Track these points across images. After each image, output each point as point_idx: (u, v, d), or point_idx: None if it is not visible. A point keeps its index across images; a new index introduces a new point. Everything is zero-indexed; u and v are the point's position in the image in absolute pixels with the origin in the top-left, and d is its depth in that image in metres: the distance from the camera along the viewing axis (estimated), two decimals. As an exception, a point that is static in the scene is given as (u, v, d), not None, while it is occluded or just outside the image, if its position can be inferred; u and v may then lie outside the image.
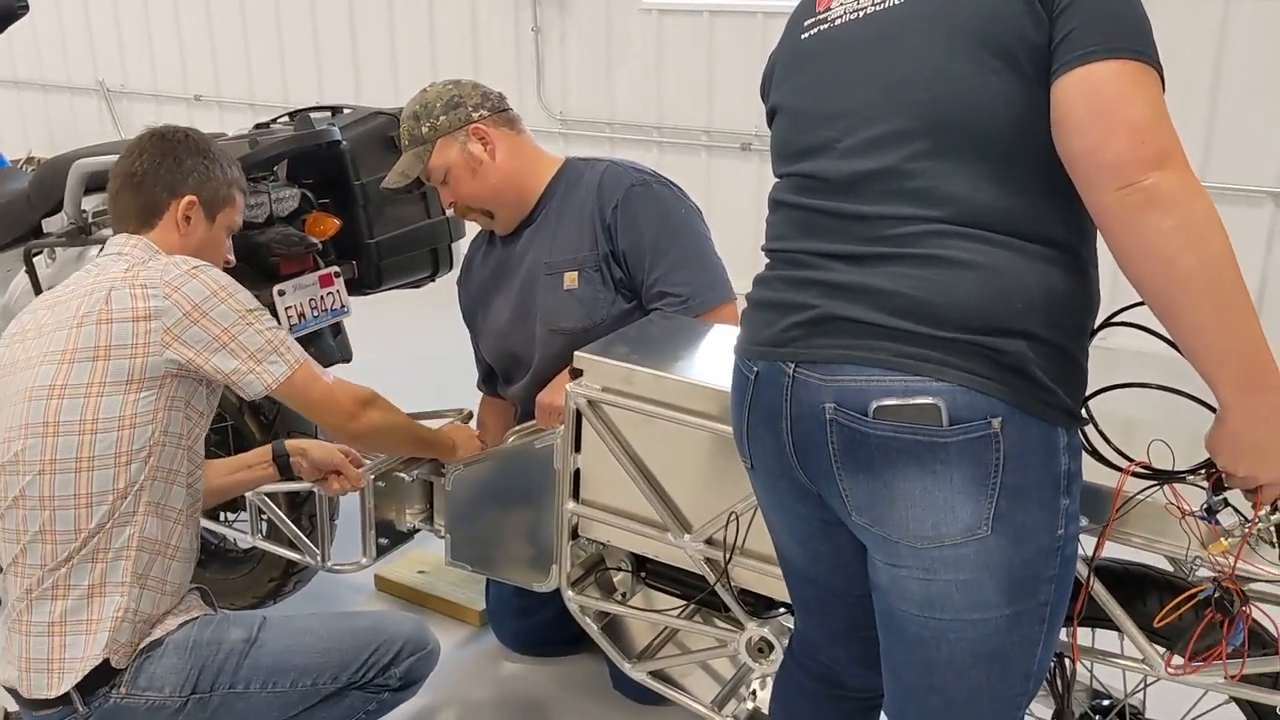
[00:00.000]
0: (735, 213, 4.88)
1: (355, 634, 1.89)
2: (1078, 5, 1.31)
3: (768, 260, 1.54)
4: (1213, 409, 1.34)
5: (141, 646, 1.79)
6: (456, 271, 2.73)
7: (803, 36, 1.54)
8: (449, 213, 2.60)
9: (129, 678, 1.76)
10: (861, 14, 1.46)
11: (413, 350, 4.27)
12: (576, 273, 2.29)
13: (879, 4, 1.44)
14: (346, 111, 2.80)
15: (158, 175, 1.94)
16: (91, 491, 1.75)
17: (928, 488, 1.33)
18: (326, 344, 2.57)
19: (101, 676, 1.75)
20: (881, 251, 1.36)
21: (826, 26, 1.50)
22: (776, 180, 1.56)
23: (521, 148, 2.38)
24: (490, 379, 2.60)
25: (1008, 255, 1.33)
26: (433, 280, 2.92)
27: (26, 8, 3.35)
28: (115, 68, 7.07)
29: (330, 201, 2.64)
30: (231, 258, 2.05)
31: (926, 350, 1.32)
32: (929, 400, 1.31)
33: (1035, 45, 1.32)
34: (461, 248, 2.86)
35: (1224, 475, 1.37)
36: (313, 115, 2.75)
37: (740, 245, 3.12)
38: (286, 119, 2.79)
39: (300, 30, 6.29)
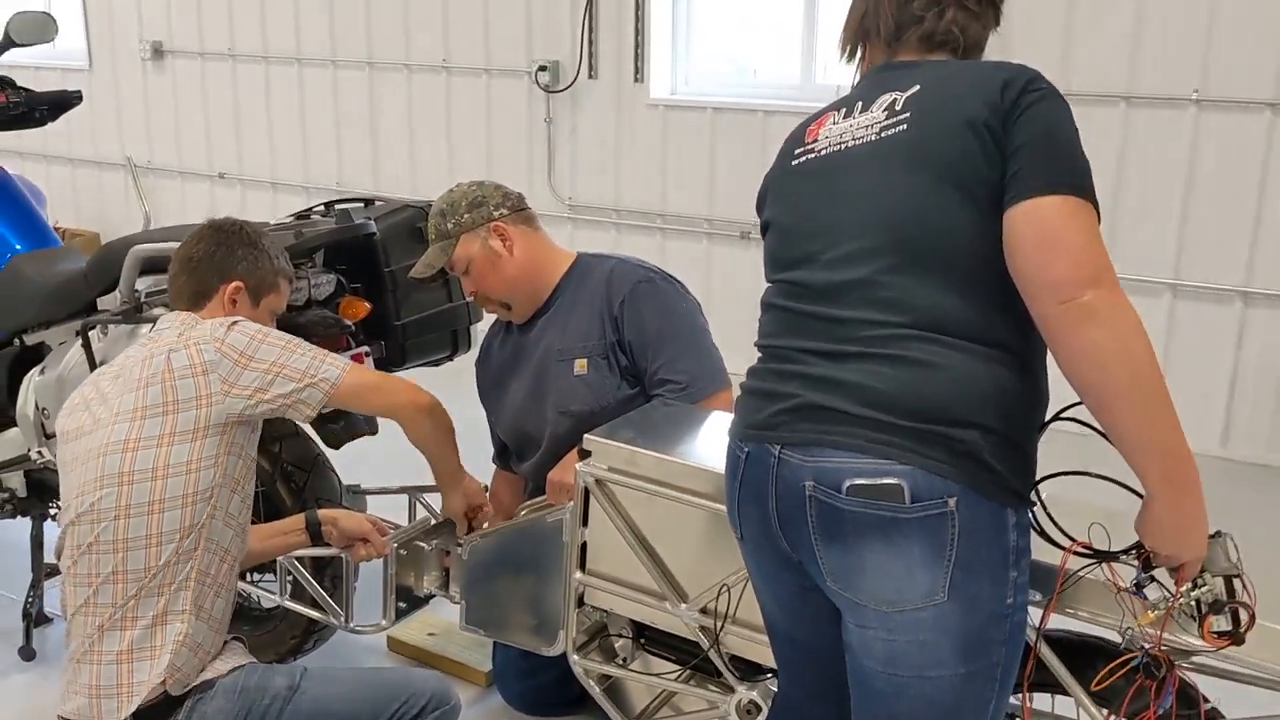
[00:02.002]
0: (734, 296, 5.10)
1: (386, 686, 2.07)
2: (1026, 148, 1.54)
3: (760, 354, 1.75)
4: (1140, 495, 1.55)
5: (194, 685, 1.98)
6: (474, 352, 2.96)
7: (793, 162, 1.77)
8: (469, 299, 2.84)
9: (183, 716, 1.95)
10: (843, 147, 1.69)
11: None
12: (586, 360, 2.51)
13: (858, 139, 1.68)
14: (378, 204, 3.03)
15: (211, 261, 2.20)
16: (161, 531, 1.96)
17: (890, 558, 1.53)
18: (355, 417, 2.77)
19: (159, 713, 1.93)
20: (855, 350, 1.58)
21: (813, 156, 1.74)
22: (768, 285, 1.79)
23: (537, 244, 2.62)
24: (504, 454, 2.80)
25: (963, 358, 1.54)
26: (451, 359, 3.13)
27: (80, 98, 3.60)
28: (142, 144, 7.36)
29: (361, 286, 2.86)
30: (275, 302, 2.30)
31: (892, 437, 1.52)
32: (894, 480, 1.51)
33: (989, 180, 1.55)
34: (478, 330, 3.08)
35: (1151, 555, 1.58)
36: (347, 206, 2.99)
37: (739, 325, 3.31)
38: (322, 209, 3.03)
39: (322, 112, 6.58)
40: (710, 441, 2.13)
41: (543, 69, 5.69)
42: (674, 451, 2.08)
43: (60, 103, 3.56)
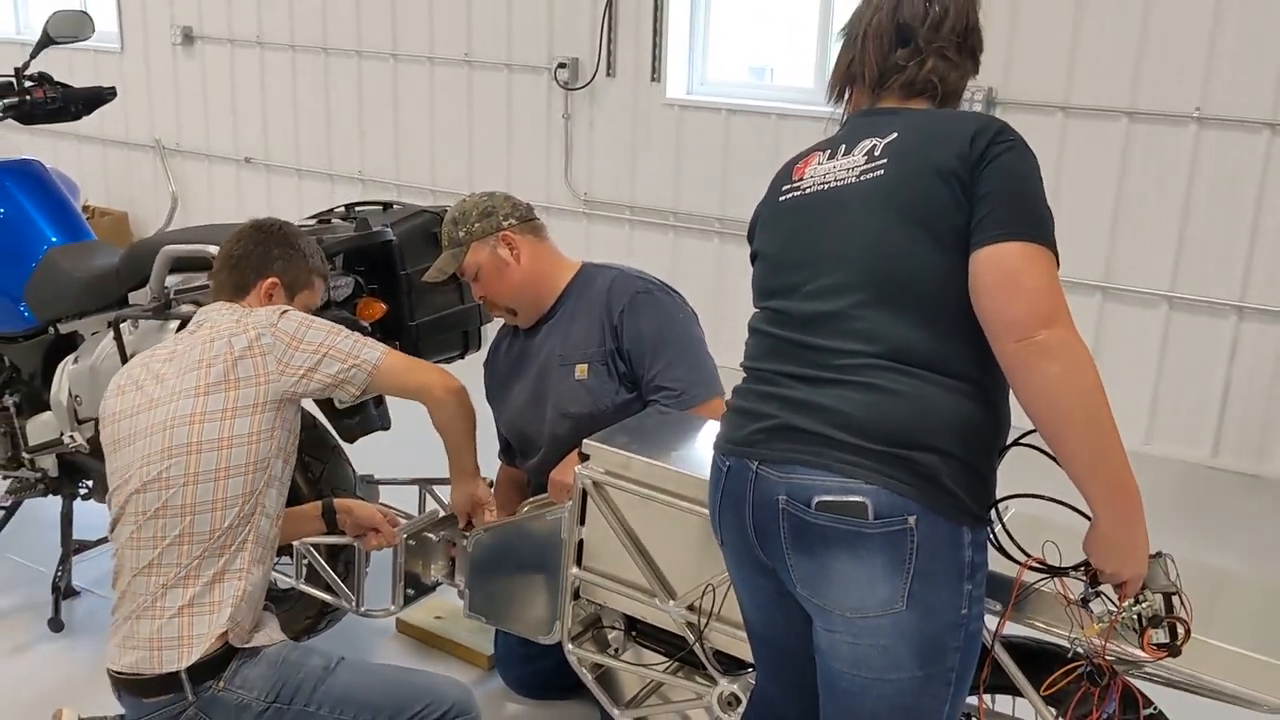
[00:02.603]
0: (744, 294, 5.22)
1: (413, 686, 2.22)
2: (991, 196, 1.67)
3: (744, 374, 1.89)
4: (1088, 517, 1.68)
5: (245, 647, 2.15)
6: (483, 352, 3.11)
7: (780, 198, 1.91)
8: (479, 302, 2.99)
9: (229, 675, 2.12)
10: (826, 187, 1.82)
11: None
12: (586, 365, 2.66)
13: (840, 180, 1.81)
14: (395, 208, 3.17)
15: (249, 259, 2.39)
16: (226, 496, 2.14)
17: (855, 569, 1.66)
18: (370, 413, 2.91)
19: (210, 669, 2.10)
20: (829, 377, 1.71)
21: (799, 194, 1.87)
22: (755, 311, 1.93)
23: (544, 253, 2.77)
24: (508, 451, 2.95)
25: (927, 387, 1.67)
26: (462, 358, 3.26)
27: (114, 94, 3.75)
28: (171, 127, 7.52)
29: (378, 287, 3.00)
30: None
31: (859, 458, 1.66)
32: (858, 498, 1.65)
33: (957, 225, 1.68)
34: (488, 330, 3.23)
35: (1098, 572, 1.71)
36: (366, 210, 3.14)
37: (746, 321, 3.47)
38: (343, 210, 3.17)
39: (346, 102, 6.72)
40: (701, 450, 2.27)
41: (562, 66, 5.82)
42: (667, 458, 2.22)
43: (94, 98, 3.70)
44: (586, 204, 5.97)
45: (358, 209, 3.17)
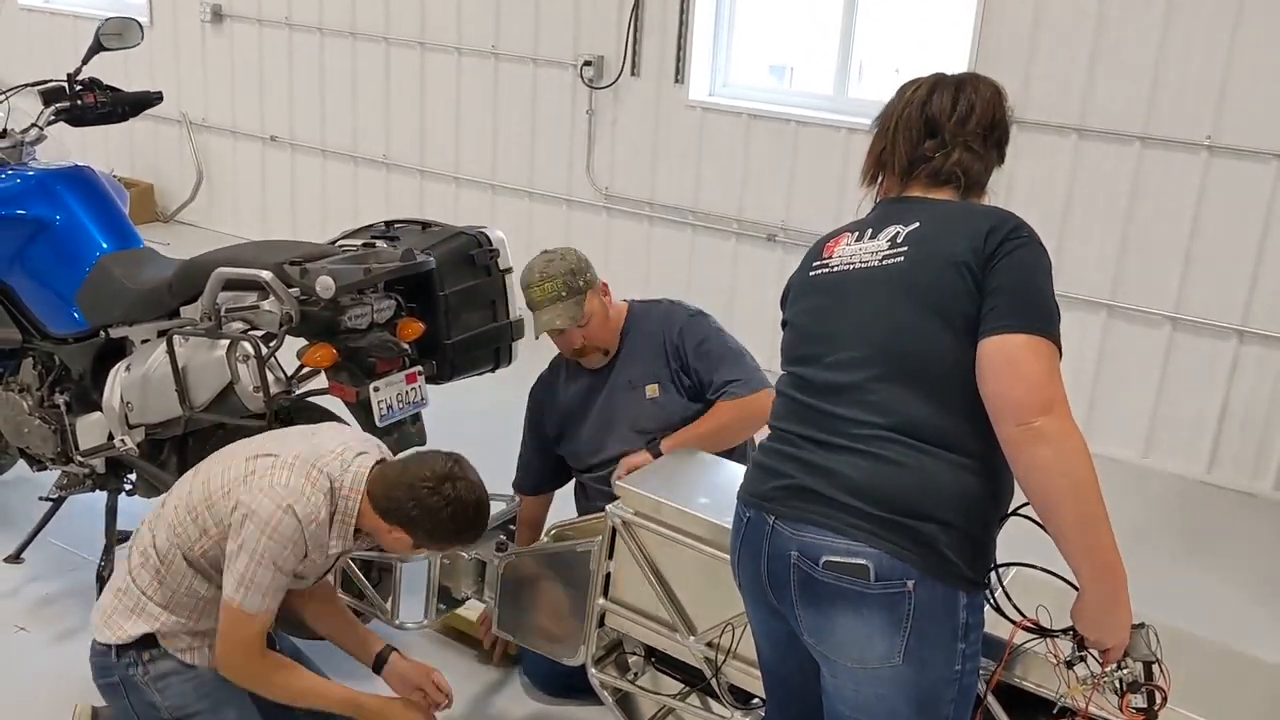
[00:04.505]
0: (759, 293, 5.37)
1: None
2: (1002, 290, 1.82)
3: (770, 432, 2.05)
4: (1075, 587, 1.84)
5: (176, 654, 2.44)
6: (515, 366, 3.29)
7: (811, 273, 2.06)
8: (513, 317, 3.18)
9: (153, 666, 2.42)
10: (852, 267, 1.98)
11: (472, 436, 4.64)
12: (657, 385, 3.00)
13: (864, 263, 1.96)
14: (434, 229, 3.30)
15: (402, 506, 2.32)
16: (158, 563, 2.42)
17: (856, 624, 1.83)
18: (407, 431, 3.06)
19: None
20: (843, 444, 1.87)
21: (827, 270, 2.02)
22: (781, 374, 2.08)
23: (610, 301, 3.11)
24: (539, 486, 3.24)
25: (932, 461, 1.83)
26: (493, 372, 3.42)
27: (160, 98, 3.89)
28: (198, 103, 7.62)
29: (415, 307, 3.14)
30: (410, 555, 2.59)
31: (865, 523, 1.82)
32: (861, 561, 1.81)
33: (968, 313, 1.83)
34: (519, 346, 3.37)
35: (1083, 637, 1.88)
36: (406, 229, 3.27)
37: (761, 322, 3.64)
38: (383, 226, 3.31)
39: (373, 88, 6.82)
40: (725, 498, 2.41)
41: (588, 64, 5.92)
42: (693, 504, 2.39)
43: (141, 102, 3.84)
44: (607, 199, 6.09)
45: (397, 227, 3.30)
